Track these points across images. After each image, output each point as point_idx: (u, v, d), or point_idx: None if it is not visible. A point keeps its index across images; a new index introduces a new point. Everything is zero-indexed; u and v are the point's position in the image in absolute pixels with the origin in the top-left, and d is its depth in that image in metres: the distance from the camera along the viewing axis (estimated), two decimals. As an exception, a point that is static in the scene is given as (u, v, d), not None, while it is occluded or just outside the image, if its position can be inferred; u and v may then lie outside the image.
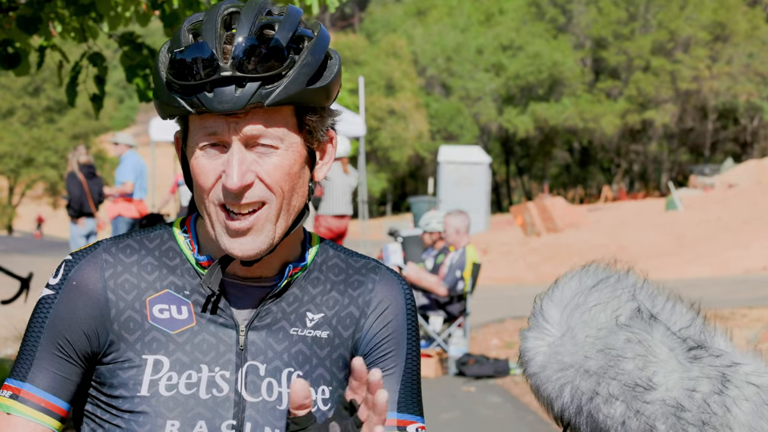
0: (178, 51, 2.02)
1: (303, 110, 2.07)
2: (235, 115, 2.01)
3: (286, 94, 2.00)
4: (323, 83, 2.06)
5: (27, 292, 8.20)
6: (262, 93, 1.99)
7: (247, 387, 2.12)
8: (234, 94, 1.98)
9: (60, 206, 65.75)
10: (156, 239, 2.20)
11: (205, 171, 2.05)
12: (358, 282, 2.25)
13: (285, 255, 2.18)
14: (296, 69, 2.02)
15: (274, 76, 2.00)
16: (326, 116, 2.12)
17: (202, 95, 1.99)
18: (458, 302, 12.68)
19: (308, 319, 2.19)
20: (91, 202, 15.76)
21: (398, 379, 2.26)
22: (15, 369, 2.13)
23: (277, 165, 2.04)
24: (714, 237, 29.55)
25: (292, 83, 2.01)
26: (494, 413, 10.71)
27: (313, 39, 2.06)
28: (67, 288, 2.13)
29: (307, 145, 2.10)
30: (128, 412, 2.09)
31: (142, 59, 6.44)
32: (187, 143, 2.10)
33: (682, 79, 59.61)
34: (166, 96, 2.05)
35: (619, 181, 67.29)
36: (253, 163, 2.03)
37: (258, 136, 2.02)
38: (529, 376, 2.08)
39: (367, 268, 2.28)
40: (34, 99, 60.81)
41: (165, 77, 2.04)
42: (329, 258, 2.26)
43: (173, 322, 2.12)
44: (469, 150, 41.42)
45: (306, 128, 2.09)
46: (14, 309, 9.51)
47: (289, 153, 2.06)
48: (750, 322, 15.00)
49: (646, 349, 1.96)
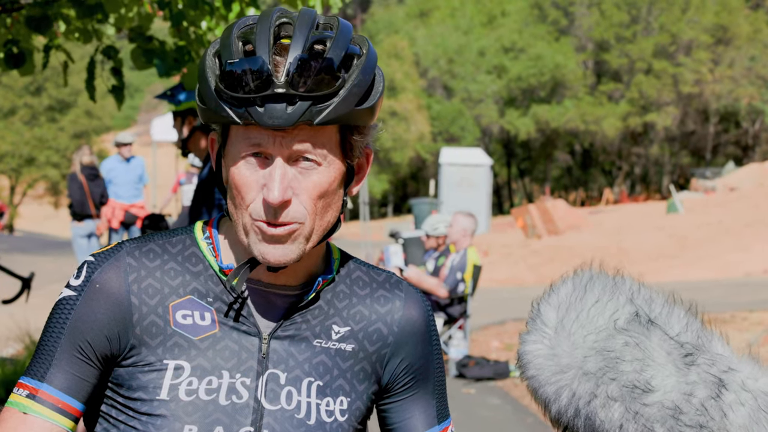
0: (230, 62, 2.01)
1: (348, 128, 2.08)
2: (282, 130, 2.00)
3: (336, 114, 2.00)
4: (370, 103, 2.07)
5: (28, 291, 8.21)
6: (312, 111, 1.98)
7: (267, 395, 2.13)
8: (285, 111, 1.97)
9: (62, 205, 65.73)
10: (178, 244, 2.20)
11: (247, 183, 2.05)
12: (385, 298, 2.28)
13: (309, 264, 2.20)
14: (347, 89, 2.01)
15: (325, 95, 1.99)
16: (367, 134, 2.13)
17: (253, 109, 1.98)
18: (459, 304, 12.68)
19: (333, 332, 2.21)
20: (92, 204, 15.72)
21: (433, 394, 2.33)
22: (32, 368, 2.13)
23: (316, 183, 2.05)
24: (715, 240, 29.53)
25: (342, 103, 2.01)
26: (494, 415, 10.72)
27: (363, 57, 2.06)
28: (90, 290, 2.13)
29: (348, 161, 2.11)
30: (146, 415, 2.09)
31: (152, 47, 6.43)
32: (227, 149, 2.10)
33: (684, 82, 59.55)
34: (214, 104, 2.03)
35: (620, 183, 67.23)
36: (293, 180, 2.04)
37: (303, 152, 2.03)
38: (527, 378, 2.09)
39: (390, 283, 2.31)
40: (35, 98, 60.74)
41: (214, 85, 2.04)
42: (352, 271, 2.29)
43: (196, 328, 2.13)
44: (471, 152, 41.41)
45: (349, 146, 2.09)
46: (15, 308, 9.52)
47: (330, 170, 2.07)
48: (751, 325, 15.01)
49: (644, 352, 1.97)
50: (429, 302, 2.37)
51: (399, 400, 2.30)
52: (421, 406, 2.31)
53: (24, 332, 12.34)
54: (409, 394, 2.30)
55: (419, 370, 2.30)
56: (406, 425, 2.31)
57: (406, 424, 2.31)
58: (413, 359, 2.29)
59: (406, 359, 2.28)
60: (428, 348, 2.31)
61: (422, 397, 2.31)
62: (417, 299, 2.32)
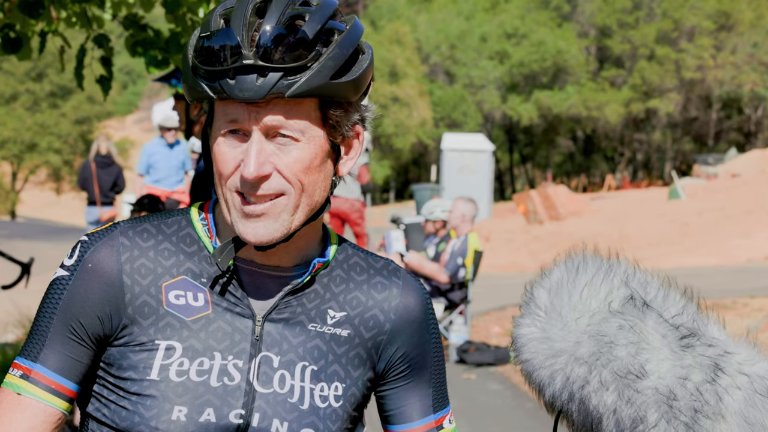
0: (206, 36, 2.03)
1: (327, 104, 2.06)
2: (257, 104, 2.00)
3: (308, 86, 1.99)
4: (350, 78, 2.05)
5: (28, 277, 8.20)
6: (283, 84, 1.98)
7: (259, 378, 2.12)
8: (255, 83, 1.98)
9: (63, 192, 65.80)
10: (173, 225, 2.19)
11: (225, 158, 2.05)
12: (382, 285, 2.26)
13: (303, 247, 2.19)
14: (321, 62, 2.00)
15: (297, 67, 1.99)
16: (352, 111, 2.11)
17: (225, 82, 1.99)
18: (459, 290, 12.68)
19: (329, 317, 2.20)
20: (97, 192, 15.71)
21: (430, 382, 2.31)
22: (26, 348, 2.13)
23: (296, 158, 2.04)
24: (717, 226, 29.52)
25: (315, 76, 2.00)
26: (494, 400, 10.73)
27: (344, 32, 2.05)
28: (82, 270, 2.12)
29: (331, 139, 2.09)
30: (136, 395, 2.08)
31: (146, 36, 6.41)
32: (211, 128, 2.10)
33: (687, 68, 59.46)
34: (191, 79, 2.05)
35: (622, 169, 67.19)
36: (272, 155, 2.03)
37: (278, 127, 2.02)
38: (521, 362, 2.08)
39: (388, 269, 2.30)
40: (37, 84, 60.76)
41: (191, 61, 2.05)
42: (349, 256, 2.27)
43: (189, 308, 2.12)
44: (473, 138, 41.34)
45: (330, 122, 2.08)
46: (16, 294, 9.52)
47: (310, 146, 2.05)
48: (752, 311, 15.02)
49: (639, 335, 1.95)
50: (427, 290, 2.36)
51: (395, 387, 2.29)
52: (417, 394, 2.30)
53: (24, 317, 12.36)
54: (405, 383, 2.29)
55: (416, 358, 2.28)
56: (401, 413, 2.30)
57: (401, 412, 2.30)
58: (410, 348, 2.27)
59: (402, 347, 2.26)
60: (425, 336, 2.30)
61: (418, 386, 2.30)
62: (415, 287, 2.31)
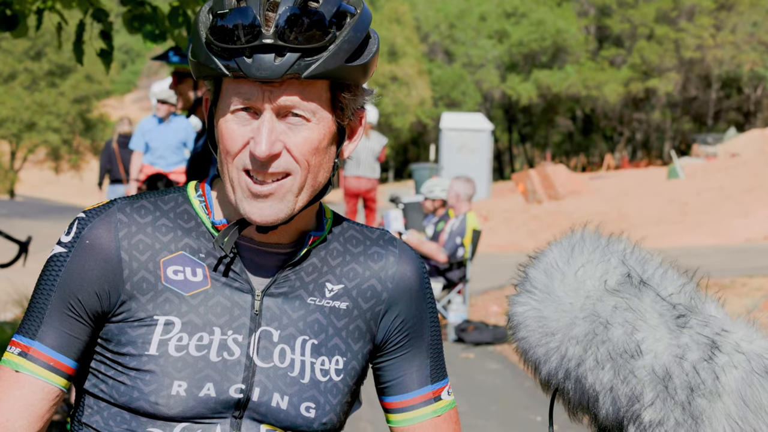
0: (221, 13, 2.02)
1: (338, 86, 2.08)
2: (271, 84, 2.01)
3: (324, 68, 2.00)
4: (362, 61, 2.06)
5: (25, 255, 8.19)
6: (301, 64, 1.99)
7: (259, 352, 2.13)
8: (273, 63, 1.98)
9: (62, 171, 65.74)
10: (170, 201, 2.19)
11: (233, 136, 2.05)
12: (378, 254, 2.27)
13: (301, 224, 2.19)
14: (337, 44, 2.02)
15: (315, 48, 2.00)
16: (360, 95, 2.13)
17: (241, 60, 1.99)
18: (458, 269, 12.68)
19: (327, 290, 2.20)
20: (122, 169, 15.71)
21: (427, 352, 2.31)
22: (24, 325, 2.13)
23: (306, 138, 2.05)
24: (716, 206, 29.52)
25: (331, 58, 2.01)
26: (493, 380, 10.74)
27: (356, 16, 2.06)
28: (80, 246, 2.12)
29: (338, 121, 2.11)
30: (134, 370, 2.08)
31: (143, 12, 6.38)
32: (218, 105, 2.10)
33: (686, 48, 59.33)
34: (204, 56, 2.04)
35: (621, 149, 67.14)
36: (282, 134, 2.04)
37: (291, 107, 2.03)
38: (517, 340, 2.07)
39: (384, 239, 2.30)
40: (35, 63, 60.62)
41: (205, 37, 2.04)
42: (345, 229, 2.28)
43: (187, 283, 2.12)
44: (472, 117, 41.26)
45: (339, 105, 2.09)
46: (14, 273, 9.51)
47: (320, 127, 2.06)
48: (750, 291, 15.01)
49: (635, 313, 1.94)
50: (422, 260, 2.35)
51: (393, 358, 2.29)
52: (415, 364, 2.29)
53: (22, 296, 12.35)
54: (403, 353, 2.28)
55: (413, 327, 2.28)
56: (399, 383, 2.30)
57: (399, 383, 2.30)
58: (407, 316, 2.27)
59: (400, 316, 2.26)
60: (422, 305, 2.30)
61: (416, 356, 2.29)
62: (411, 256, 2.31)
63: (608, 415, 1.96)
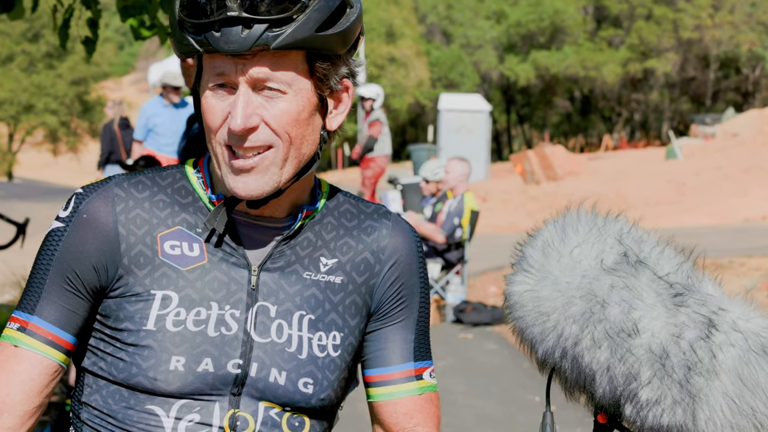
0: None
1: (314, 56, 2.07)
2: (243, 57, 2.01)
3: (293, 38, 2.00)
4: (336, 30, 2.05)
5: (23, 237, 8.19)
6: (268, 36, 1.99)
7: (257, 327, 2.13)
8: (240, 35, 1.98)
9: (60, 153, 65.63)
10: (168, 177, 2.20)
11: (213, 111, 2.07)
12: (372, 227, 2.27)
13: (295, 198, 2.19)
14: (307, 14, 2.01)
15: (282, 19, 1.99)
16: (340, 64, 2.11)
17: (210, 34, 2.00)
18: (456, 250, 12.69)
19: (322, 264, 2.20)
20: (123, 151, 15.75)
21: (413, 328, 2.30)
22: (23, 301, 2.14)
23: (284, 110, 2.05)
24: (714, 186, 29.51)
25: (300, 28, 2.00)
26: (491, 360, 10.76)
27: None
28: (77, 221, 2.13)
29: (319, 92, 2.10)
30: (133, 346, 2.09)
31: (136, 1, 6.37)
32: (200, 82, 2.11)
33: (684, 28, 59.19)
34: (178, 34, 2.06)
35: (619, 129, 67.06)
36: (259, 107, 2.04)
37: (265, 80, 2.03)
38: (513, 319, 2.07)
39: (378, 213, 2.30)
40: (33, 45, 60.45)
41: (178, 15, 2.05)
42: (340, 203, 2.28)
43: (184, 258, 2.13)
44: (470, 98, 41.20)
45: (317, 75, 2.08)
46: (12, 254, 9.51)
47: (298, 99, 2.06)
48: (748, 270, 15.02)
49: (632, 292, 1.94)
50: (418, 236, 2.35)
51: (377, 329, 2.27)
52: (398, 337, 2.28)
53: (20, 278, 12.35)
54: (389, 323, 2.27)
55: (402, 299, 2.27)
56: (381, 356, 2.28)
57: (381, 355, 2.28)
58: (397, 287, 2.27)
59: (391, 286, 2.26)
60: (414, 279, 2.29)
61: (402, 329, 2.28)
62: (405, 228, 2.30)
63: (605, 394, 1.95)
